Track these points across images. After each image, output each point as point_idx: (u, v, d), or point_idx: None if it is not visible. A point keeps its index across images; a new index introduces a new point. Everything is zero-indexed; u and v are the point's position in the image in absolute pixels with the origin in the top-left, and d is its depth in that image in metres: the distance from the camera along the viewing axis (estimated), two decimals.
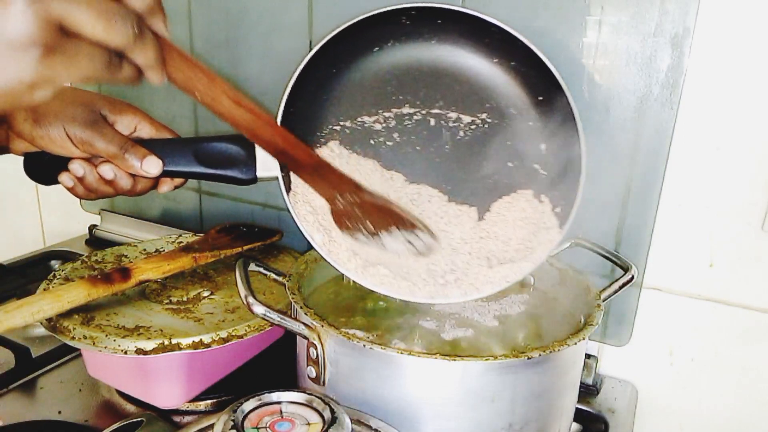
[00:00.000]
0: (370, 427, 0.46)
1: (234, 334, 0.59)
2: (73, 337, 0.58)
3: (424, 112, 0.57)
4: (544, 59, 0.52)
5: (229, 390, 0.65)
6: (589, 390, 0.72)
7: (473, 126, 0.57)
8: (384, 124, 0.57)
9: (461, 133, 0.57)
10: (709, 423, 0.73)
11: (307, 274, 0.63)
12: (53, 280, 0.68)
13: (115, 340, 0.57)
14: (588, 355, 0.73)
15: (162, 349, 0.56)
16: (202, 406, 0.64)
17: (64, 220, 1.16)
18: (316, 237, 0.53)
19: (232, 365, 0.65)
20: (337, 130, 0.57)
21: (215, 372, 0.63)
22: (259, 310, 0.50)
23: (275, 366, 0.67)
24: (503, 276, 0.53)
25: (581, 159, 0.53)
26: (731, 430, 0.72)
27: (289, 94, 0.52)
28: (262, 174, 0.53)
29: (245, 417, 0.41)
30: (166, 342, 0.57)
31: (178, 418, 0.62)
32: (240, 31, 0.85)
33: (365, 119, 0.57)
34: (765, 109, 0.62)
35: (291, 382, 0.58)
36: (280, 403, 0.42)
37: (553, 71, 0.52)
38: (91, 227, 1.09)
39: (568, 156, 0.54)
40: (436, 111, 0.57)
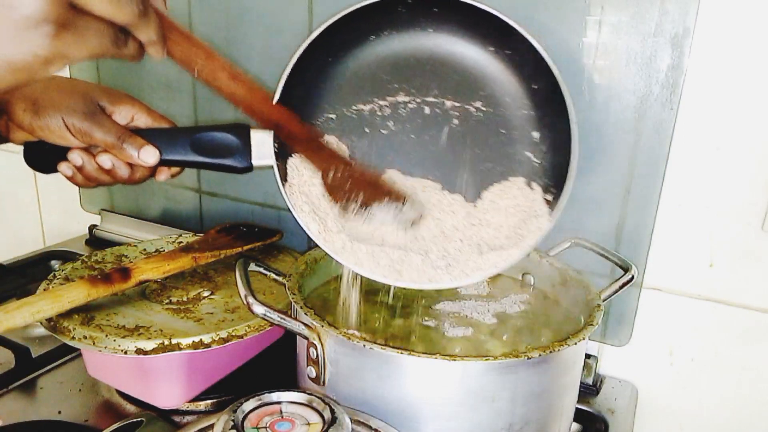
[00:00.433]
0: (370, 427, 0.46)
1: (234, 334, 0.59)
2: (73, 337, 0.58)
3: (419, 100, 0.57)
4: (539, 48, 0.52)
5: (229, 390, 0.65)
6: (589, 390, 0.72)
7: (468, 114, 0.57)
8: (379, 113, 0.57)
9: (455, 121, 0.57)
10: (709, 423, 0.73)
11: (307, 274, 0.63)
12: (53, 280, 0.68)
13: (115, 340, 0.57)
14: (588, 355, 0.73)
15: (162, 349, 0.56)
16: (202, 406, 0.64)
17: (64, 220, 1.16)
18: (311, 226, 0.53)
19: (232, 365, 0.65)
20: (332, 117, 0.57)
21: (215, 372, 0.63)
22: (259, 310, 0.50)
23: (275, 366, 0.67)
24: (493, 263, 0.53)
25: (573, 147, 0.53)
26: (731, 430, 0.72)
27: (285, 82, 0.52)
28: (257, 162, 0.54)
29: (245, 417, 0.41)
30: (166, 342, 0.57)
31: (178, 418, 0.62)
32: (240, 31, 0.85)
33: (360, 107, 0.57)
34: (765, 109, 0.62)
35: (291, 382, 0.58)
36: (280, 403, 0.42)
37: (547, 60, 0.52)
38: (91, 227, 1.08)
39: (560, 144, 0.54)
40: (431, 99, 0.57)
